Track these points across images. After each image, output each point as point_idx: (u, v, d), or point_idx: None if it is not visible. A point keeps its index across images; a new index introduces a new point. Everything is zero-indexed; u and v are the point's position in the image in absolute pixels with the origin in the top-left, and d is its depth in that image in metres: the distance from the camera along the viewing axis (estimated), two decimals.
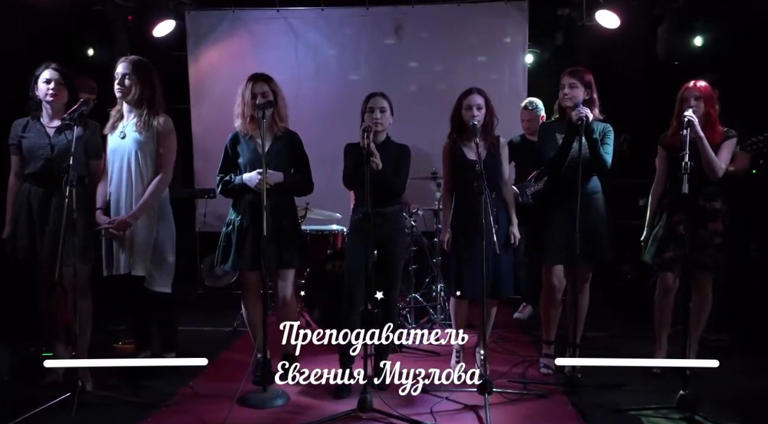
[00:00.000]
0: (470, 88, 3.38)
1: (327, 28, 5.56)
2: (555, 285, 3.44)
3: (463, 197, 3.35)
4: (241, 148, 3.32)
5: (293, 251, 3.29)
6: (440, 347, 3.42)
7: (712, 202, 3.35)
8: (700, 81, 3.37)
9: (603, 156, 3.28)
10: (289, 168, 3.34)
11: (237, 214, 3.31)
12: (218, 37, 5.58)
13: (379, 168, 3.07)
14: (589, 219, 3.34)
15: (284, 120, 3.32)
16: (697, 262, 3.29)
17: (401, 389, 2.95)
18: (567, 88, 3.34)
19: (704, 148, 3.22)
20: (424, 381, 2.96)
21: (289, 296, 3.31)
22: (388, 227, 3.25)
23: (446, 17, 5.46)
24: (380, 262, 3.26)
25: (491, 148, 3.36)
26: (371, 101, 3.27)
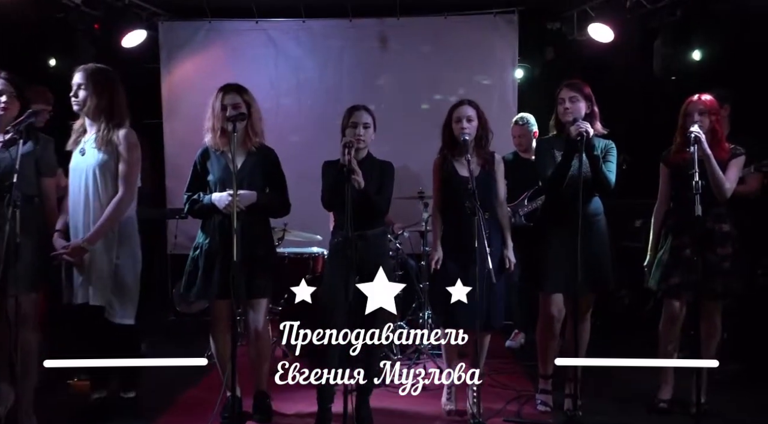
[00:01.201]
0: (461, 100, 3.15)
1: (308, 41, 5.36)
2: (554, 315, 3.16)
3: (454, 218, 3.09)
4: (211, 164, 3.03)
5: (267, 278, 2.99)
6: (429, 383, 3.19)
7: (720, 225, 3.13)
8: (705, 94, 3.16)
9: (605, 175, 3.04)
10: (263, 187, 3.06)
11: (205, 237, 3.01)
12: (193, 49, 5.33)
13: (361, 187, 2.80)
14: (591, 243, 3.08)
15: (258, 134, 3.04)
16: (705, 289, 3.06)
17: (401, 389, 2.70)
18: (568, 102, 3.10)
19: (712, 167, 3.00)
20: (424, 381, 2.74)
21: (262, 327, 3.00)
22: (370, 252, 2.97)
23: (433, 30, 5.29)
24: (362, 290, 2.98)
25: (485, 165, 3.11)
26: (354, 115, 3.01)
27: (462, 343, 2.99)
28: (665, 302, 3.21)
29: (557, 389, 3.29)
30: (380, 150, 3.17)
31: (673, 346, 3.22)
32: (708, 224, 3.09)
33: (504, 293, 3.16)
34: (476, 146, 3.06)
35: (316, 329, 2.94)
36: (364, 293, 2.96)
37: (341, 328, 2.87)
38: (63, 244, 2.91)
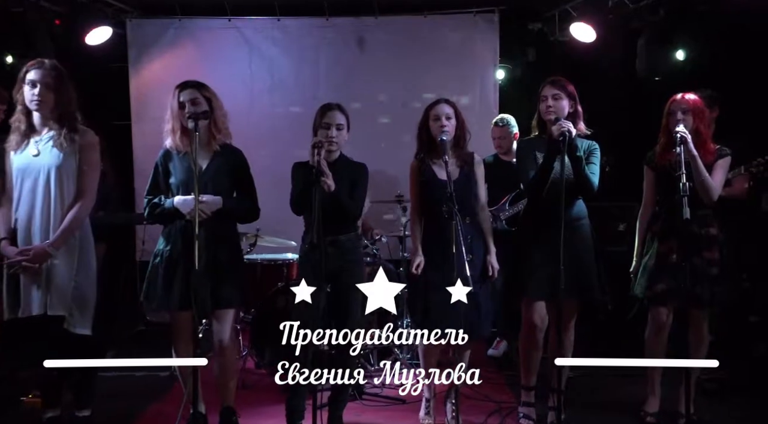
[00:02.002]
0: (438, 98, 3.01)
1: (283, 40, 5.20)
2: (537, 324, 3.01)
3: (433, 223, 2.94)
4: (173, 166, 2.84)
5: (233, 287, 2.80)
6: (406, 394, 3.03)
7: (707, 229, 3.01)
8: (689, 93, 3.05)
9: (588, 177, 2.90)
10: (230, 190, 2.88)
11: (166, 243, 2.82)
12: (163, 48, 5.13)
13: (331, 189, 2.64)
14: (575, 248, 2.94)
15: (223, 133, 2.86)
16: (692, 295, 2.94)
17: (401, 389, 2.56)
18: (550, 99, 2.97)
19: (698, 168, 2.88)
20: (425, 381, 2.60)
21: (227, 340, 2.81)
22: (343, 258, 2.81)
23: (412, 29, 5.17)
24: (335, 299, 2.82)
25: (464, 167, 2.97)
26: (327, 116, 2.85)
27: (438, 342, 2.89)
28: (651, 309, 3.09)
29: (541, 401, 3.15)
30: (358, 152, 3.05)
31: (660, 354, 3.10)
32: (694, 227, 2.98)
33: (488, 302, 3.01)
34: (454, 147, 2.92)
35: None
36: (337, 301, 2.82)
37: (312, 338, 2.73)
38: (15, 250, 2.71)
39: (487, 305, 2.99)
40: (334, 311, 2.83)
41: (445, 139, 2.88)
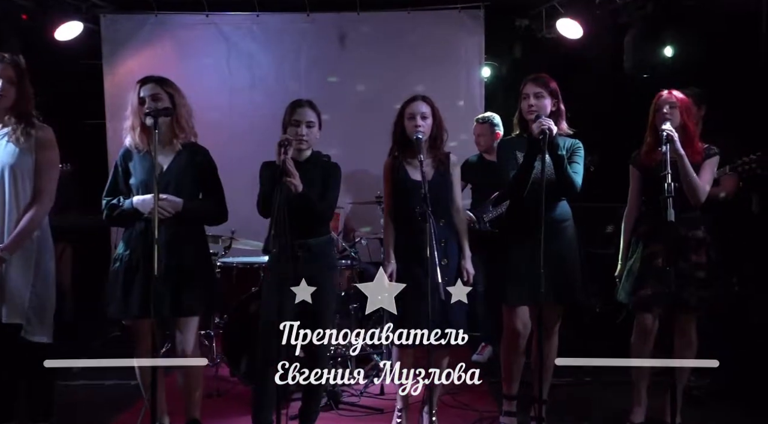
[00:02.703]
0: (414, 95, 2.88)
1: (263, 36, 5.05)
2: (518, 330, 2.89)
3: (406, 225, 2.82)
4: (133, 165, 2.70)
5: (197, 293, 2.65)
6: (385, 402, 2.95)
7: (694, 231, 2.90)
8: (676, 90, 2.94)
9: (570, 176, 2.78)
10: (194, 191, 2.74)
11: (126, 247, 2.68)
12: (138, 45, 4.97)
13: (298, 190, 2.51)
14: (558, 251, 2.83)
15: (187, 131, 2.72)
16: (678, 300, 2.83)
17: (401, 389, 2.55)
18: (532, 98, 2.85)
19: (685, 168, 2.77)
20: (425, 381, 2.52)
21: (191, 350, 2.67)
22: (314, 264, 2.67)
23: (395, 26, 5.03)
24: (305, 307, 2.68)
25: (439, 167, 2.85)
26: (297, 112, 2.72)
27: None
28: (636, 315, 2.97)
29: (523, 411, 3.02)
30: (339, 151, 2.98)
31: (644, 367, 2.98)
32: (681, 230, 2.87)
33: (464, 307, 2.88)
34: (430, 147, 2.79)
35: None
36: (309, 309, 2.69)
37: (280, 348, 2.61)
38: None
39: (461, 310, 2.86)
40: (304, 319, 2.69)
41: (420, 138, 2.75)
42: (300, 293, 2.64)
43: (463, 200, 4.12)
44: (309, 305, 2.68)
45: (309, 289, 2.57)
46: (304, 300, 2.68)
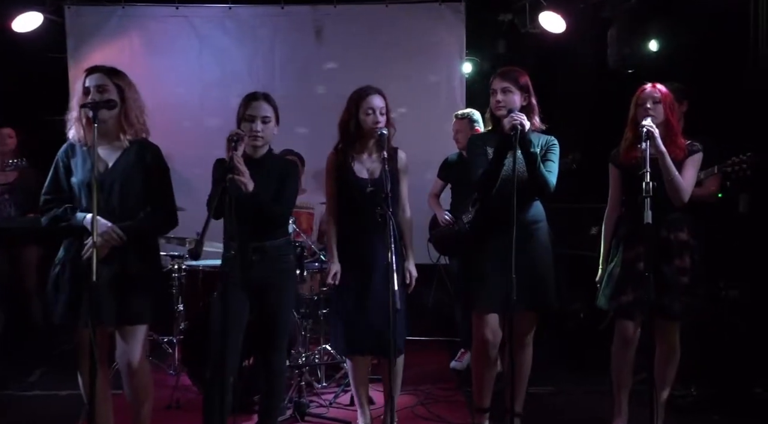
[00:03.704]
0: (367, 87, 2.74)
1: (235, 29, 4.88)
2: (488, 339, 2.72)
3: (350, 226, 2.66)
4: (75, 162, 2.50)
5: (142, 301, 2.44)
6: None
7: (677, 233, 2.73)
8: (659, 84, 2.78)
9: (543, 175, 2.61)
10: (141, 191, 2.52)
11: (67, 251, 2.49)
12: (105, 38, 4.79)
13: (248, 189, 2.33)
14: (530, 255, 2.66)
15: (135, 127, 2.50)
16: (660, 307, 2.67)
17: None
18: (500, 93, 2.69)
19: (666, 166, 2.61)
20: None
21: (137, 361, 2.46)
22: (268, 268, 2.49)
23: (373, 19, 4.87)
24: (260, 314, 2.52)
25: (387, 163, 2.68)
26: (251, 107, 2.56)
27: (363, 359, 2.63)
28: (617, 322, 2.81)
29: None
30: (315, 149, 2.81)
31: (627, 370, 2.82)
32: (663, 232, 2.71)
33: (405, 309, 2.73)
34: (379, 142, 2.62)
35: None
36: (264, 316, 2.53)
37: (234, 358, 2.45)
38: None
39: (403, 317, 2.70)
40: (260, 327, 2.52)
41: (385, 134, 2.60)
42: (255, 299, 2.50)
43: (439, 199, 4.09)
44: (265, 308, 2.52)
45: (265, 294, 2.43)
46: (260, 306, 2.53)
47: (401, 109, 4.89)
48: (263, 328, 2.52)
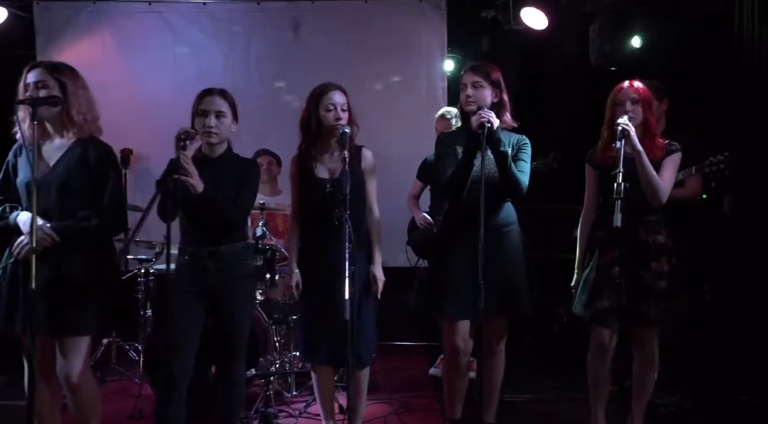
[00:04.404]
0: (327, 83, 2.64)
1: (211, 26, 4.73)
2: (459, 347, 2.60)
3: (313, 230, 2.54)
4: (21, 161, 2.38)
5: (85, 310, 2.27)
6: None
7: (654, 236, 2.62)
8: (636, 81, 2.67)
9: (515, 175, 2.49)
10: (84, 193, 2.35)
11: (9, 255, 2.35)
12: (75, 35, 4.64)
13: (197, 191, 2.20)
14: (501, 259, 2.55)
15: (80, 125, 2.36)
16: (637, 313, 2.56)
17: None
18: (470, 88, 2.58)
19: (643, 166, 2.49)
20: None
21: (77, 376, 2.29)
22: (224, 273, 2.36)
23: (351, 15, 4.73)
24: (216, 322, 2.39)
25: (350, 163, 2.56)
26: (205, 101, 2.44)
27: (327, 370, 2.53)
28: (593, 329, 2.68)
29: None
30: (292, 148, 2.71)
31: (603, 379, 2.70)
32: (640, 235, 2.61)
33: (373, 319, 2.61)
34: (341, 141, 2.50)
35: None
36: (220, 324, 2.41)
37: (187, 368, 2.33)
38: None
39: (369, 323, 2.58)
40: (217, 336, 2.40)
41: (347, 132, 2.47)
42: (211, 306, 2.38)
43: (418, 201, 3.96)
44: (221, 316, 2.40)
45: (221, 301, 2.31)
46: (216, 313, 2.41)
47: (381, 107, 4.77)
48: (220, 336, 2.39)
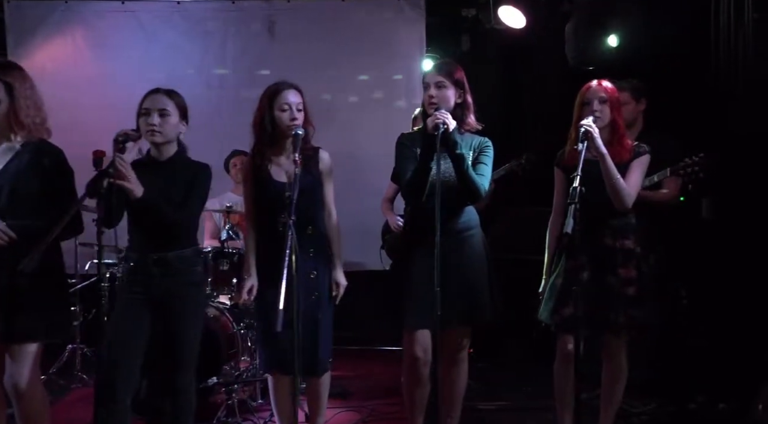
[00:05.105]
0: (281, 82, 2.55)
1: (185, 25, 4.67)
2: (418, 357, 2.51)
3: (269, 235, 2.45)
4: None
5: (33, 316, 2.20)
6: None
7: (622, 241, 2.53)
8: (605, 81, 2.59)
9: (472, 178, 2.40)
10: (35, 197, 2.29)
11: None
12: (47, 34, 4.57)
13: (136, 196, 2.12)
14: (462, 265, 2.47)
15: (29, 127, 2.29)
16: (605, 320, 2.48)
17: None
18: (433, 87, 2.50)
19: (607, 169, 2.42)
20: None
21: (25, 384, 2.21)
22: (170, 280, 2.28)
23: (328, 15, 4.67)
24: (163, 331, 2.31)
25: (308, 165, 2.48)
26: (147, 100, 2.37)
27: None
28: (558, 337, 2.60)
29: None
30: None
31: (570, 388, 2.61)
32: (607, 240, 2.53)
33: (330, 324, 2.53)
34: (296, 141, 2.42)
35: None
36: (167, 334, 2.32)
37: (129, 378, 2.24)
38: None
39: (329, 331, 2.50)
40: (163, 346, 2.31)
41: (300, 134, 2.39)
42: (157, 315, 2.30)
43: (392, 204, 3.88)
44: (168, 325, 2.32)
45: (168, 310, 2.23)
46: (162, 322, 2.32)
47: (358, 108, 4.71)
48: (167, 346, 2.31)
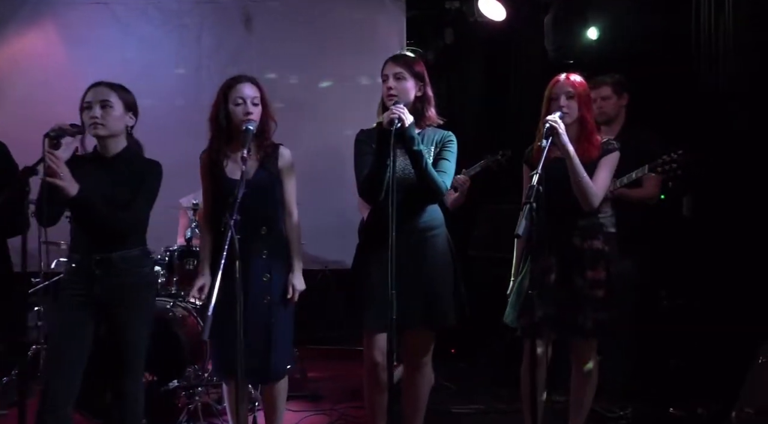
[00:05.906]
0: (238, 75, 2.45)
1: (160, 19, 4.56)
2: (378, 362, 2.42)
3: (222, 234, 2.36)
4: None
5: None
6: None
7: (591, 241, 2.43)
8: (574, 74, 2.49)
9: (431, 175, 2.30)
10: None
11: None
12: (19, 28, 4.46)
13: (69, 194, 2.03)
14: (425, 266, 2.37)
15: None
16: (572, 324, 2.39)
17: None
18: (392, 79, 2.40)
19: (573, 167, 2.32)
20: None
21: None
22: (114, 282, 2.19)
23: (305, 9, 4.56)
24: (108, 335, 2.22)
25: (265, 162, 2.39)
26: (89, 93, 2.28)
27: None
28: (524, 340, 2.50)
29: None
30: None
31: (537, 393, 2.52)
32: (575, 241, 2.43)
33: (289, 330, 2.43)
34: (255, 137, 2.32)
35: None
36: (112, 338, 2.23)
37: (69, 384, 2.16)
38: None
39: (285, 336, 2.40)
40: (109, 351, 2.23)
41: (251, 129, 2.29)
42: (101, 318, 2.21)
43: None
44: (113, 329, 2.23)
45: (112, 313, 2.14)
46: (106, 325, 2.23)
47: (335, 102, 4.60)
48: (113, 350, 2.22)
